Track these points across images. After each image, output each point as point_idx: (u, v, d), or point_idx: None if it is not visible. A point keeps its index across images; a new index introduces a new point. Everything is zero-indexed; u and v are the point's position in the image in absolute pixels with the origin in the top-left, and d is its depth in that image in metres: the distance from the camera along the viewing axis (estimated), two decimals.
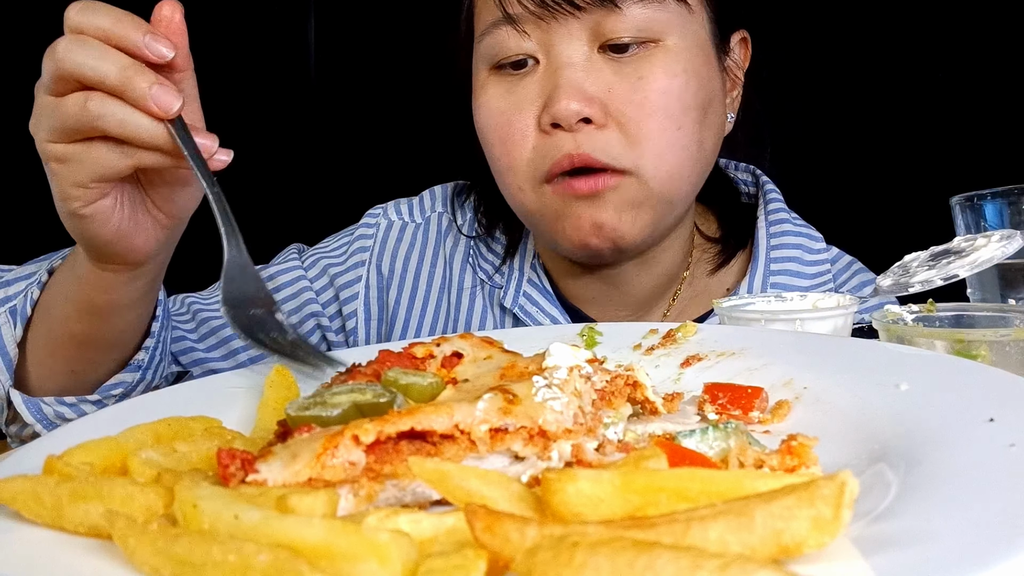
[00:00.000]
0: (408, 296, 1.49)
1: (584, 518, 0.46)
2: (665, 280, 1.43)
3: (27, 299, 1.14)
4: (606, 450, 0.64)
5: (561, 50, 1.20)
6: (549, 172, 1.21)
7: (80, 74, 0.89)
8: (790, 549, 0.40)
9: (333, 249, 1.53)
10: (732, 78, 1.36)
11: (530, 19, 1.20)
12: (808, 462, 0.58)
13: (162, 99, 0.89)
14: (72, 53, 0.89)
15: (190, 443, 0.64)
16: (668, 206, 1.26)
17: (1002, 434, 0.52)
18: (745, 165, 1.57)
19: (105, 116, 0.89)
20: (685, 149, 1.23)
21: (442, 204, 1.55)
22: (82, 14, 0.91)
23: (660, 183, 1.22)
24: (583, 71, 1.19)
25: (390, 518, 0.47)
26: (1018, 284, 1.04)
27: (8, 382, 1.15)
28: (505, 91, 1.25)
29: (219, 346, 1.43)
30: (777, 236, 1.43)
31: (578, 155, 1.19)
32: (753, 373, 0.81)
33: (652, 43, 1.20)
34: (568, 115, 1.17)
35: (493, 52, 1.25)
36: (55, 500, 0.52)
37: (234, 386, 0.87)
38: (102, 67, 0.89)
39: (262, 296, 0.93)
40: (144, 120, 0.90)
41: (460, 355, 0.77)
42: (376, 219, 1.54)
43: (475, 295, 1.48)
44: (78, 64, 0.89)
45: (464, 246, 1.51)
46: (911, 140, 2.12)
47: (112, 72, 0.89)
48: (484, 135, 1.29)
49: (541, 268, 1.46)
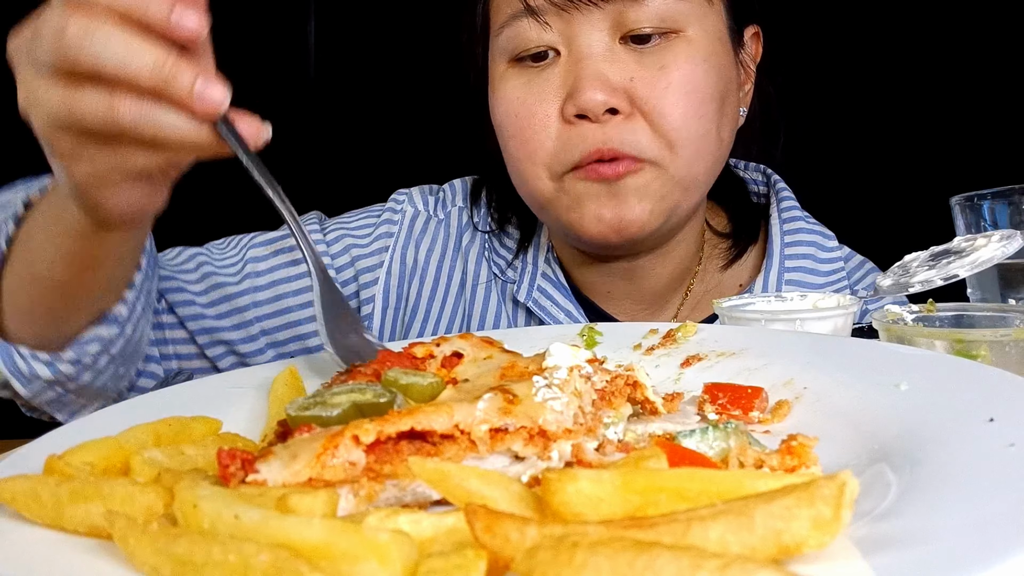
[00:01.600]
0: (429, 291, 1.48)
1: (584, 518, 0.46)
2: (679, 273, 1.43)
3: (2, 234, 1.05)
4: (606, 450, 0.64)
5: (583, 41, 1.20)
6: (577, 163, 1.21)
7: (102, 70, 0.74)
8: (790, 549, 0.40)
9: (357, 228, 1.51)
10: (746, 71, 1.37)
11: (552, 10, 1.20)
12: (808, 462, 0.58)
13: (209, 97, 0.75)
14: (88, 41, 0.73)
15: (198, 446, 0.64)
16: (684, 193, 1.27)
17: (1002, 434, 0.52)
18: (756, 165, 1.57)
19: (140, 123, 0.76)
20: (705, 137, 1.23)
21: (462, 199, 1.55)
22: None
23: (679, 170, 1.23)
24: (606, 61, 1.19)
25: (390, 518, 0.47)
26: (1018, 284, 1.04)
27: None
28: (526, 82, 1.25)
29: (231, 314, 1.40)
30: (791, 234, 1.44)
31: (608, 149, 1.19)
32: (753, 373, 0.81)
33: (673, 33, 1.21)
34: (594, 105, 1.17)
35: (513, 45, 1.25)
36: (55, 500, 0.52)
37: (235, 386, 0.87)
38: (132, 64, 0.73)
39: (350, 318, 0.91)
40: (186, 123, 0.77)
41: (460, 355, 0.77)
42: (401, 205, 1.52)
43: (490, 290, 1.47)
44: (99, 58, 0.73)
45: (480, 240, 1.51)
46: (912, 140, 2.12)
47: (145, 71, 0.74)
48: (503, 126, 1.29)
49: (555, 261, 1.45)
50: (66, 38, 0.74)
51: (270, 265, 1.43)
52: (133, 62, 0.73)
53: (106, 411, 0.80)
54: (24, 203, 1.07)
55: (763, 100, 1.41)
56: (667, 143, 1.20)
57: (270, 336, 1.43)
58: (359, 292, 1.47)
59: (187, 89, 0.75)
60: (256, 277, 1.42)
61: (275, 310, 1.42)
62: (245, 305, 1.41)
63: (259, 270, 1.42)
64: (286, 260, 1.44)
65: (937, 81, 2.11)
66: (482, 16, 1.34)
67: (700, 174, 1.26)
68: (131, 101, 0.75)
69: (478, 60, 1.37)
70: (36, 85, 0.79)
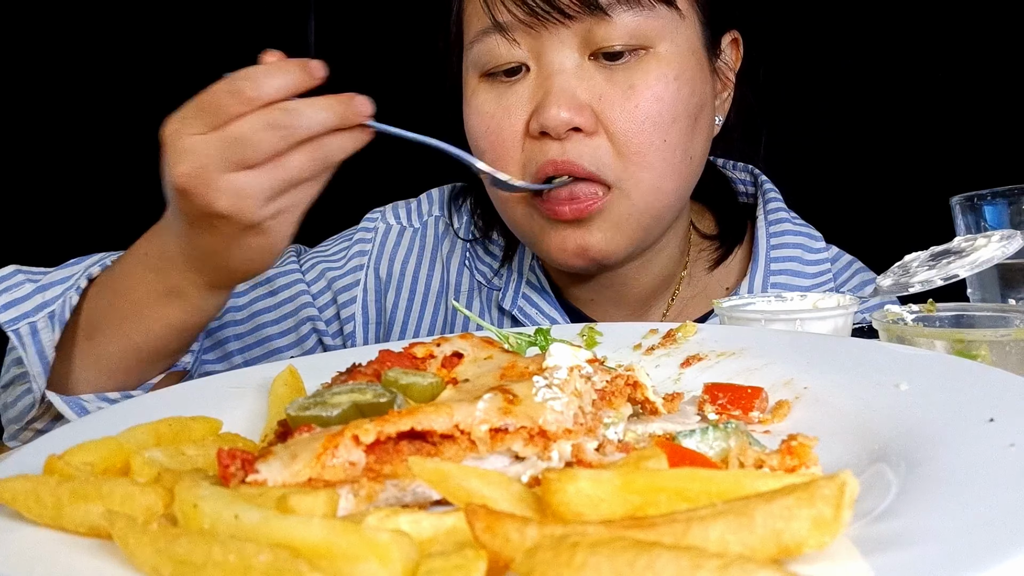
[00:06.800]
0: (406, 300, 1.49)
1: (584, 518, 0.46)
2: (663, 279, 1.43)
3: (65, 304, 1.15)
4: (606, 450, 0.64)
5: (552, 58, 1.19)
6: (535, 178, 1.21)
7: (304, 136, 0.96)
8: (790, 549, 0.40)
9: (332, 253, 1.52)
10: (723, 80, 1.35)
11: (519, 27, 1.19)
12: (808, 462, 0.58)
13: (364, 109, 0.98)
14: (286, 123, 0.94)
15: (198, 446, 0.64)
16: (654, 219, 1.26)
17: (1002, 434, 0.52)
18: (744, 165, 1.57)
19: (333, 152, 0.98)
20: (668, 161, 1.22)
21: (439, 208, 1.55)
22: (259, 86, 0.94)
23: (643, 196, 1.22)
24: (575, 78, 1.18)
25: (390, 518, 0.47)
26: (1018, 284, 1.04)
27: (44, 385, 1.15)
28: (496, 97, 1.24)
29: (213, 348, 1.42)
30: (777, 236, 1.43)
31: (562, 161, 1.18)
32: (753, 373, 0.81)
33: (644, 50, 1.19)
34: (557, 123, 1.16)
35: (484, 60, 1.24)
36: (55, 500, 0.52)
37: (234, 386, 0.87)
38: (317, 120, 0.96)
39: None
40: (355, 133, 0.99)
41: (460, 355, 0.77)
42: (374, 223, 1.54)
43: (472, 298, 1.48)
44: (308, 128, 0.95)
45: (461, 249, 1.51)
46: (911, 140, 2.12)
47: (329, 118, 0.96)
48: (475, 141, 1.29)
49: (540, 269, 1.46)
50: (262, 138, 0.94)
51: (249, 298, 1.45)
52: (318, 119, 0.96)
53: (106, 411, 0.80)
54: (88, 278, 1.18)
55: (743, 107, 1.40)
56: (629, 164, 1.19)
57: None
58: (339, 314, 1.48)
59: (355, 112, 0.98)
60: (237, 311, 1.43)
61: (256, 340, 1.44)
62: (226, 338, 1.42)
63: (239, 304, 1.44)
64: (264, 292, 1.45)
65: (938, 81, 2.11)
66: (456, 26, 1.33)
67: (667, 194, 1.25)
68: (318, 143, 0.97)
69: (454, 69, 1.36)
70: (234, 180, 0.95)
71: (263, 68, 0.96)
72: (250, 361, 1.43)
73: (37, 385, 1.13)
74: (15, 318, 1.14)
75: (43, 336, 1.14)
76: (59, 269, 1.23)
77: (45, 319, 1.14)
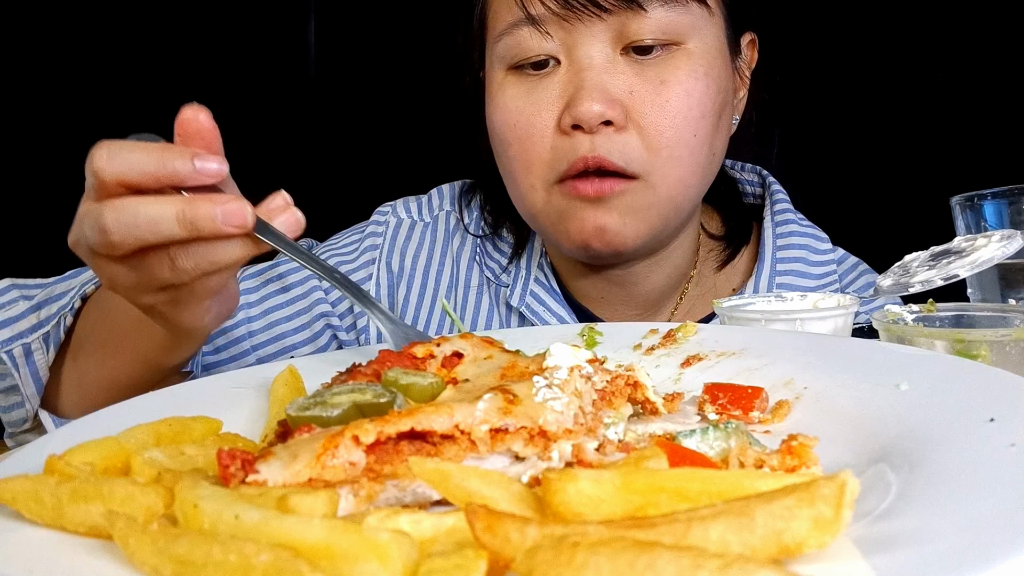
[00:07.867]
0: (417, 294, 1.49)
1: (585, 518, 0.46)
2: (675, 279, 1.43)
3: (60, 326, 1.14)
4: (606, 450, 0.64)
5: (584, 51, 1.19)
6: (564, 173, 1.21)
7: (144, 243, 0.82)
8: (791, 549, 0.40)
9: (344, 246, 1.52)
10: (741, 79, 1.36)
11: (553, 20, 1.19)
12: (808, 462, 0.58)
13: (234, 220, 0.81)
14: (125, 225, 0.82)
15: (198, 446, 0.64)
16: (674, 211, 1.27)
17: (1002, 434, 0.52)
18: (752, 166, 1.57)
19: (200, 264, 0.84)
20: (696, 156, 1.23)
21: (450, 203, 1.55)
22: (113, 161, 0.82)
23: (668, 188, 1.22)
24: (606, 73, 1.19)
25: (390, 518, 0.47)
26: (1018, 284, 1.04)
27: (37, 405, 1.15)
28: (525, 91, 1.24)
29: (227, 347, 1.42)
30: (783, 237, 1.43)
31: (592, 157, 1.18)
32: (753, 373, 0.81)
33: (675, 45, 1.20)
34: (590, 117, 1.16)
35: (513, 52, 1.24)
36: (55, 500, 0.52)
37: (235, 386, 0.87)
38: (163, 229, 0.81)
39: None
40: (229, 246, 0.84)
41: (460, 355, 0.77)
42: (386, 216, 1.54)
43: (482, 293, 1.48)
44: (139, 237, 0.82)
45: (471, 245, 1.51)
46: (911, 140, 2.12)
47: (176, 228, 0.81)
48: (501, 135, 1.28)
49: (549, 267, 1.46)
50: (106, 223, 0.81)
51: (261, 295, 1.45)
52: (163, 227, 0.81)
53: (106, 411, 0.80)
54: (82, 297, 1.16)
55: (758, 107, 1.40)
56: (658, 159, 1.20)
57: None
58: (352, 308, 1.47)
59: (214, 225, 0.81)
60: (249, 308, 1.43)
61: (270, 337, 1.44)
62: (240, 336, 1.42)
63: (251, 301, 1.44)
64: (276, 288, 1.45)
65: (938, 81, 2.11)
66: (479, 21, 1.33)
67: (691, 188, 1.26)
68: (184, 252, 0.83)
69: (474, 64, 1.36)
70: (109, 270, 0.87)
71: (128, 143, 0.83)
72: (265, 358, 1.42)
73: (30, 405, 1.14)
74: (9, 339, 1.14)
75: (37, 357, 1.14)
76: (56, 283, 1.22)
77: (39, 340, 1.14)
